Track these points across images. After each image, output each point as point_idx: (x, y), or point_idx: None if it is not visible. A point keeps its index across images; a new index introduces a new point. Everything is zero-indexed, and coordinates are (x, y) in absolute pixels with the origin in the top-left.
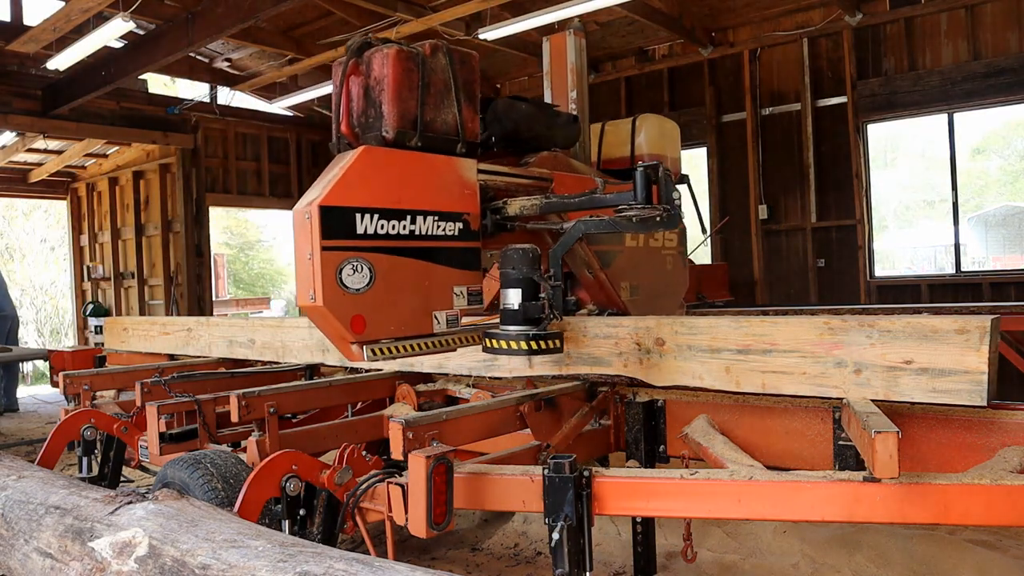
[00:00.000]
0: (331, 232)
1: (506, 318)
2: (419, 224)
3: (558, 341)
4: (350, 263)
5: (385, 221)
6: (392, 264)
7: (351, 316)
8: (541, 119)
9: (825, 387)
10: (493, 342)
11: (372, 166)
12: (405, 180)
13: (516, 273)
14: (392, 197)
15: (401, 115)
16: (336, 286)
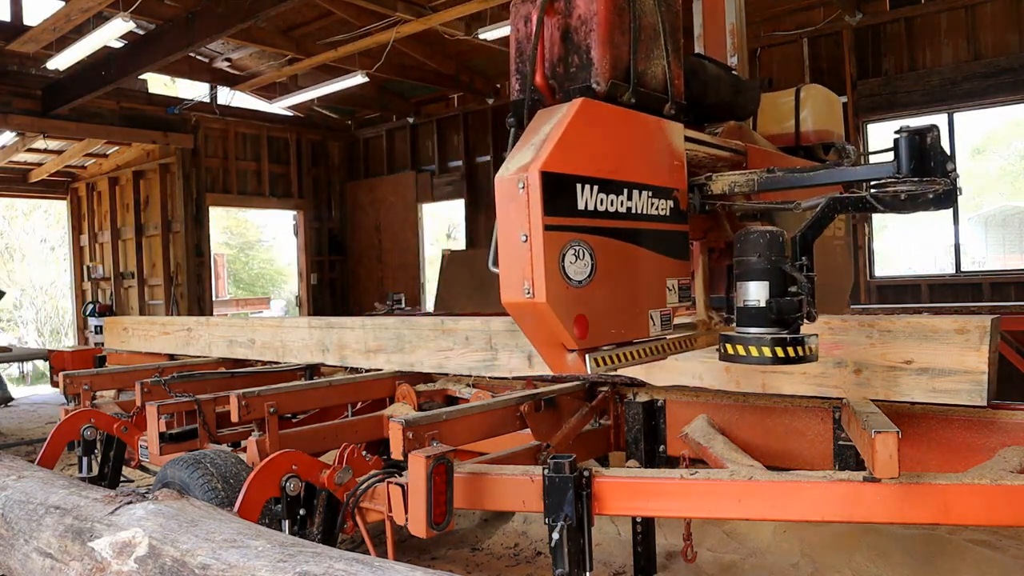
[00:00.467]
0: (554, 207)
1: (746, 318)
2: (635, 200)
3: (813, 347)
4: (572, 247)
5: (604, 195)
6: (611, 250)
7: (574, 315)
8: (728, 84)
9: (825, 387)
10: (735, 347)
11: (591, 124)
12: (621, 145)
13: (761, 262)
14: (609, 165)
15: (613, 63)
16: (560, 277)
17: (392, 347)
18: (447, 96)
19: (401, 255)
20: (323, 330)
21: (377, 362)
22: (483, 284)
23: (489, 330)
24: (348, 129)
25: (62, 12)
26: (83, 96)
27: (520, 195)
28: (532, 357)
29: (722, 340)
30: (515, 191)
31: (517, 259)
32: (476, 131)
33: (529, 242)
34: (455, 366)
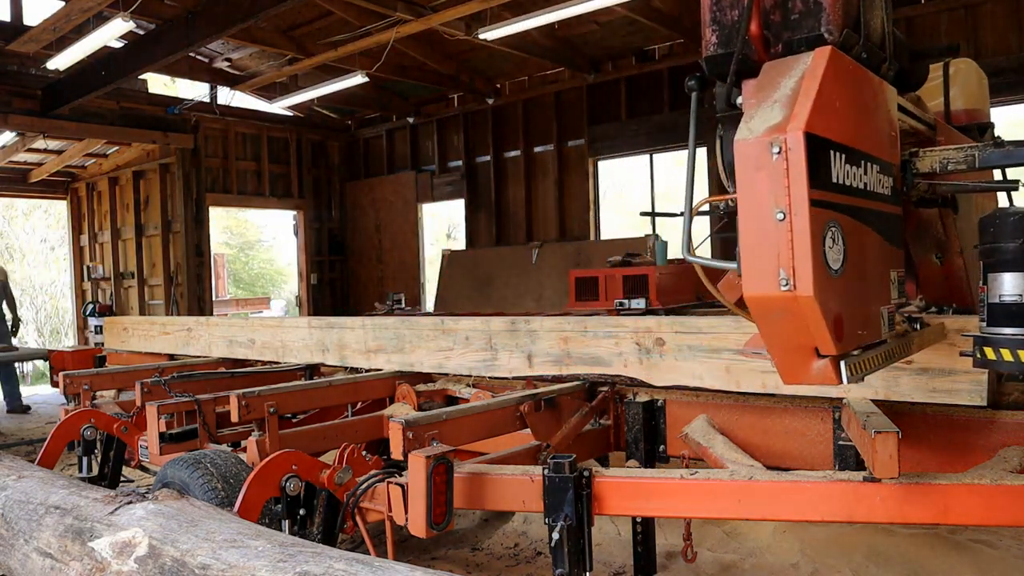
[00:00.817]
0: (817, 177)
1: (1000, 315)
2: (869, 175)
3: None
4: (830, 229)
5: (849, 167)
6: (856, 234)
7: (835, 313)
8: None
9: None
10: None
11: (839, 80)
12: (858, 107)
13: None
14: (851, 131)
15: (846, 8)
16: (824, 266)
17: (392, 347)
18: (447, 96)
19: (401, 255)
20: (323, 330)
21: (377, 362)
22: (483, 284)
23: (489, 330)
24: (348, 129)
25: (62, 12)
26: (83, 96)
27: (775, 162)
28: (532, 357)
29: (979, 343)
30: (767, 157)
31: (770, 242)
32: (476, 131)
33: (788, 221)
34: (455, 366)
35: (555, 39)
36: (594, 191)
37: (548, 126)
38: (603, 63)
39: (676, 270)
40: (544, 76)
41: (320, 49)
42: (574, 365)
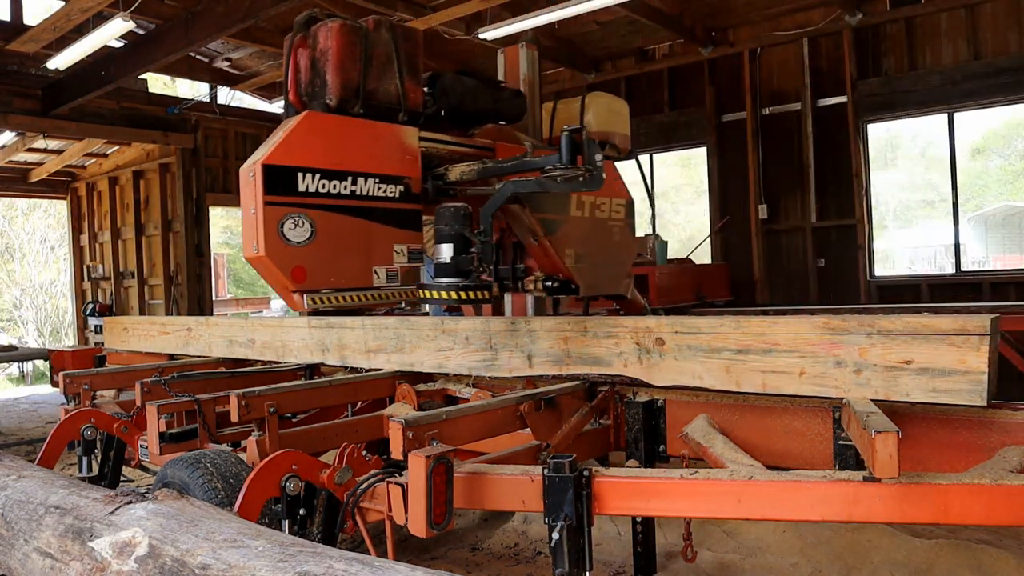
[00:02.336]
0: (273, 189)
1: (439, 271)
2: (360, 185)
3: (487, 292)
4: (291, 218)
5: (326, 181)
6: (333, 221)
7: (292, 267)
8: (485, 93)
9: (825, 387)
10: (426, 292)
11: (314, 130)
12: (347, 144)
13: (448, 229)
14: (334, 159)
15: (344, 84)
16: (278, 238)
17: (392, 347)
18: None
19: None
20: (323, 330)
21: (377, 362)
22: None
23: (489, 330)
24: None
25: (62, 12)
26: (83, 96)
27: (251, 180)
28: (532, 357)
29: (419, 287)
30: (248, 178)
31: (249, 226)
32: None
33: (256, 214)
34: (455, 366)
35: (555, 39)
36: None
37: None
38: (603, 63)
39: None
40: (544, 76)
41: None
42: (574, 365)
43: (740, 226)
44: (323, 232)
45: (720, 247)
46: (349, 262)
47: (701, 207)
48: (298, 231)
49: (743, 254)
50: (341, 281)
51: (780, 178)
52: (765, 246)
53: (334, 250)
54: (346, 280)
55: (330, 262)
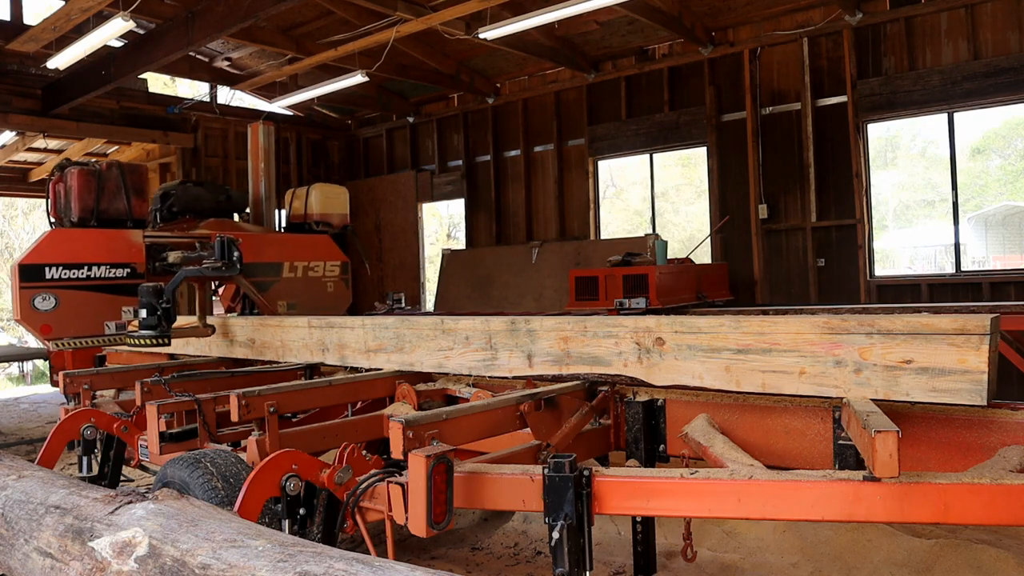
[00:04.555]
0: (29, 278)
1: (141, 325)
2: (94, 271)
3: (166, 339)
4: (41, 295)
5: (67, 270)
6: (72, 295)
7: (40, 325)
8: (208, 197)
9: (825, 387)
10: (128, 340)
11: (58, 240)
12: (84, 245)
13: (144, 299)
14: (74, 255)
15: (82, 208)
16: (31, 308)
17: (392, 347)
18: (447, 95)
19: (401, 255)
20: (323, 330)
21: (377, 362)
22: (483, 284)
23: (489, 330)
24: (348, 129)
25: (62, 11)
26: (83, 95)
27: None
28: (532, 357)
29: (126, 336)
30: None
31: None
32: (476, 130)
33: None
34: (455, 365)
35: (555, 39)
36: (594, 190)
37: (548, 125)
38: (603, 63)
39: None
40: (544, 76)
41: (320, 48)
42: (574, 365)
43: (740, 226)
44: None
45: (720, 247)
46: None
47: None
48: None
49: (743, 254)
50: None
51: (780, 178)
52: (765, 246)
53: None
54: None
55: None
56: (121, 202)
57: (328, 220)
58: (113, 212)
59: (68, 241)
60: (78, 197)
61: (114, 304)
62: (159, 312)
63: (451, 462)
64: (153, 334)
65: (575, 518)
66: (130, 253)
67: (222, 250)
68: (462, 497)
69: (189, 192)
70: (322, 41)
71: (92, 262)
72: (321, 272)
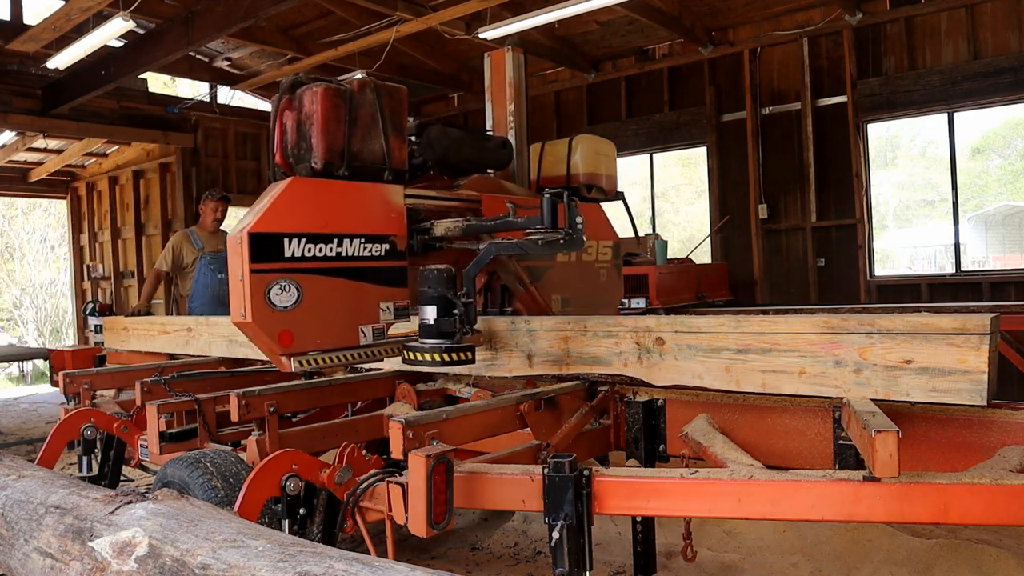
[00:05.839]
0: (260, 256)
1: (423, 332)
2: (346, 246)
3: (470, 353)
4: (278, 283)
5: (312, 244)
6: (319, 283)
7: (279, 331)
8: (471, 144)
9: (825, 387)
10: (411, 354)
11: (300, 195)
12: (332, 206)
13: (432, 291)
14: (319, 222)
15: (329, 147)
16: (265, 305)
17: None
18: (447, 95)
19: None
20: None
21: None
22: None
23: (489, 330)
24: None
25: (62, 11)
26: (83, 95)
27: (238, 248)
28: (532, 357)
29: (404, 349)
30: (235, 245)
31: (238, 292)
32: None
33: (243, 281)
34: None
35: (555, 39)
36: None
37: (548, 125)
38: (603, 63)
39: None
40: (544, 75)
41: (320, 48)
42: (574, 365)
43: (740, 226)
44: (309, 295)
45: (720, 247)
46: (335, 323)
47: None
48: (284, 296)
49: (743, 254)
50: (327, 341)
51: (780, 178)
52: (765, 246)
53: (320, 312)
54: (332, 340)
55: (316, 324)
56: (378, 142)
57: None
58: (367, 156)
59: (314, 196)
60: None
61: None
62: (457, 311)
63: (451, 462)
64: (449, 346)
65: (575, 518)
66: (389, 220)
67: (554, 214)
68: (462, 497)
69: (448, 137)
70: (322, 41)
71: (343, 232)
72: (594, 255)
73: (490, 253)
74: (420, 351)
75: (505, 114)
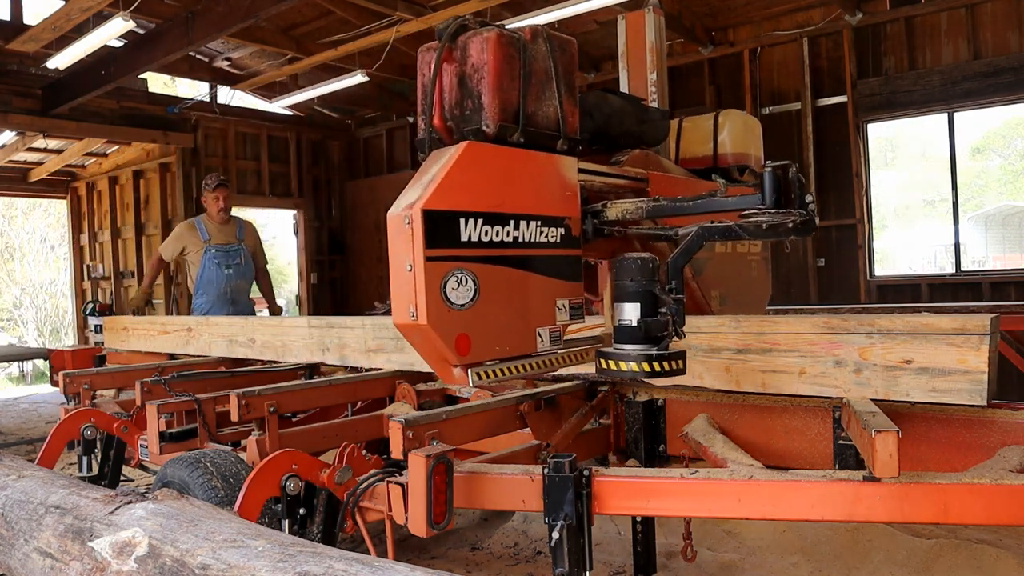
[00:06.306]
0: (435, 240)
1: (623, 335)
2: (522, 230)
3: (681, 362)
4: (455, 275)
5: (489, 227)
6: (496, 275)
7: (456, 335)
8: (632, 114)
9: (825, 387)
10: (610, 362)
11: (476, 164)
12: (508, 180)
13: (634, 286)
14: (495, 200)
15: (503, 107)
16: (441, 302)
17: (392, 346)
18: None
19: None
20: (323, 329)
21: (377, 361)
22: None
23: None
24: (348, 128)
25: (62, 11)
26: (83, 95)
27: (406, 230)
28: None
29: (599, 356)
30: (403, 226)
31: (404, 286)
32: None
33: (414, 271)
34: None
35: None
36: None
37: None
38: (603, 63)
39: None
40: None
41: (320, 48)
42: None
43: None
44: (486, 291)
45: None
46: (513, 325)
47: None
48: (461, 291)
49: None
50: (506, 349)
51: None
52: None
53: (497, 312)
54: (510, 347)
55: (494, 327)
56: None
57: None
58: (541, 120)
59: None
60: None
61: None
62: (666, 309)
63: (451, 462)
64: (660, 353)
65: (575, 518)
66: (564, 199)
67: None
68: (462, 497)
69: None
70: (322, 41)
71: (520, 213)
72: (747, 246)
73: (701, 238)
74: (622, 359)
75: (646, 84)
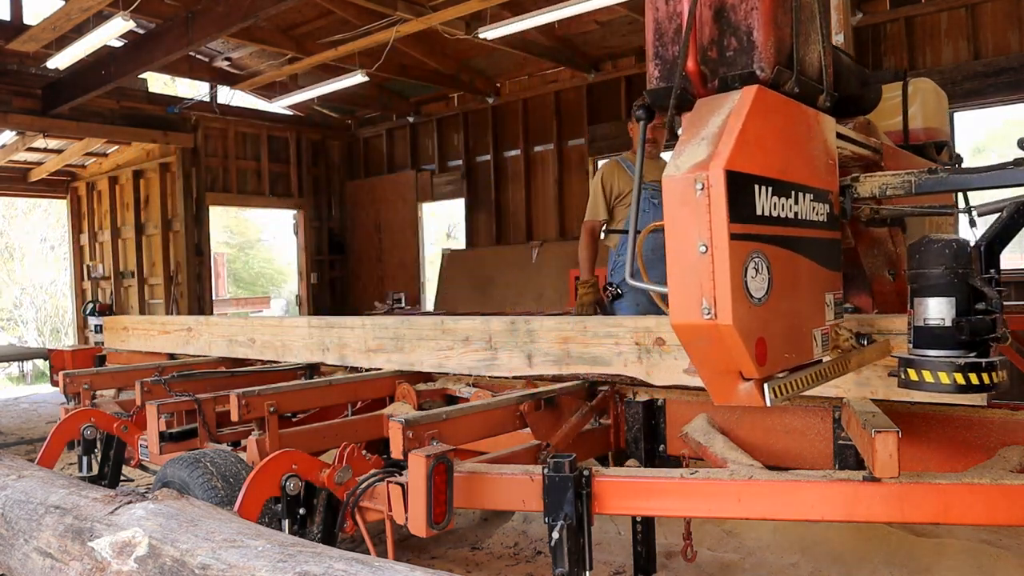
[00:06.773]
0: (738, 212)
1: (925, 339)
2: (800, 204)
3: (1004, 374)
4: (753, 259)
5: (776, 198)
6: (783, 262)
7: (755, 339)
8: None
9: (825, 387)
10: (920, 373)
11: (765, 116)
12: (788, 140)
13: (947, 275)
14: (780, 164)
15: (778, 46)
16: (744, 295)
17: (392, 347)
18: (447, 95)
19: (401, 255)
20: (323, 329)
21: (377, 361)
22: (483, 284)
23: (489, 330)
24: (348, 128)
25: (62, 11)
26: (83, 95)
27: (699, 199)
28: (532, 357)
29: (904, 365)
30: (691, 193)
31: (694, 274)
32: (476, 130)
33: (711, 253)
34: (455, 365)
35: (555, 38)
36: None
37: (548, 125)
38: (603, 62)
39: None
40: (544, 75)
41: (320, 48)
42: (574, 365)
43: None
44: (777, 281)
45: None
46: (796, 325)
47: None
48: (759, 281)
49: None
50: (792, 356)
51: None
52: None
53: (785, 308)
54: (796, 354)
55: (782, 328)
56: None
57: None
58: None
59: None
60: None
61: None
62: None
63: (451, 462)
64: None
65: (575, 518)
66: (827, 168)
67: None
68: (462, 497)
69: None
70: (322, 41)
71: (799, 183)
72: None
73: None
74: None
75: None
